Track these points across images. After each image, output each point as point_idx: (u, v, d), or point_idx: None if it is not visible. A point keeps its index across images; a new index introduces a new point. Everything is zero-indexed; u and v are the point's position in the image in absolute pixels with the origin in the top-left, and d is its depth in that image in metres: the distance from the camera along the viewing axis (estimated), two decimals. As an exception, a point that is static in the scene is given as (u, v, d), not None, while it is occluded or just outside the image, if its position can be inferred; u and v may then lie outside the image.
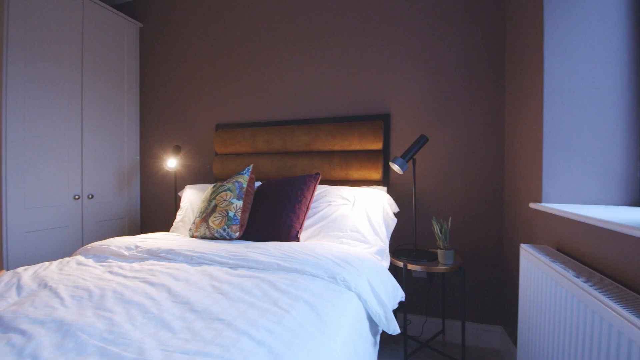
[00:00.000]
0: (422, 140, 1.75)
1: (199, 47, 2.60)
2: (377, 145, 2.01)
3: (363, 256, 1.43)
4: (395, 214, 1.88)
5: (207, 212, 1.77)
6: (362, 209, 1.75)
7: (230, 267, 1.32)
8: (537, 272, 1.22)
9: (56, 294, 1.08)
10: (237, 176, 1.86)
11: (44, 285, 1.17)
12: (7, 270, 1.92)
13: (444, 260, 1.64)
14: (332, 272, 1.20)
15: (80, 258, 1.49)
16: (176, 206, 2.51)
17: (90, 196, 2.34)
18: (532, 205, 1.44)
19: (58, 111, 2.14)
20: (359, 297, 1.15)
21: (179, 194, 2.38)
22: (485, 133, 1.94)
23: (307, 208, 1.72)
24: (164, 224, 2.66)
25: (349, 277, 1.18)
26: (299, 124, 2.26)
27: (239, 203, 1.74)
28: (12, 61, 1.90)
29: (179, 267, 1.32)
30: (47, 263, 1.43)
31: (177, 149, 2.47)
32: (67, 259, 1.50)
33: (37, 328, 0.85)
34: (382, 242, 1.70)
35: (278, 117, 2.37)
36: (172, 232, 2.13)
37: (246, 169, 1.88)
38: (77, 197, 2.25)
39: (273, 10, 2.39)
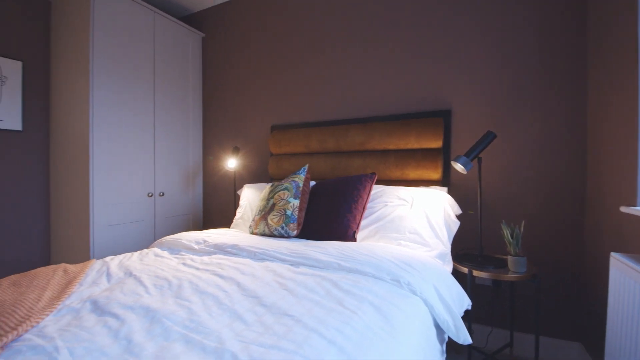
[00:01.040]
0: (489, 137, 1.63)
1: (255, 52, 2.70)
2: (437, 144, 1.92)
3: (426, 260, 1.37)
4: (457, 216, 1.77)
5: (266, 210, 1.83)
6: (421, 210, 1.68)
7: (292, 265, 1.35)
8: (633, 285, 1.07)
9: (140, 282, 1.19)
10: (293, 176, 1.90)
11: (129, 274, 1.30)
12: (95, 259, 2.18)
13: (515, 268, 1.51)
14: (395, 275, 1.17)
15: (156, 250, 1.64)
16: (235, 204, 2.64)
17: (161, 194, 2.56)
18: (623, 209, 1.26)
19: (135, 117, 2.38)
20: (425, 302, 1.10)
21: (238, 192, 2.50)
22: (563, 127, 1.75)
23: (364, 208, 1.70)
24: (224, 220, 2.81)
25: (413, 280, 1.14)
26: (352, 123, 2.25)
27: (296, 202, 1.77)
28: (97, 74, 2.14)
29: (244, 262, 1.38)
30: (129, 254, 1.59)
31: (236, 150, 2.60)
32: (145, 250, 1.65)
33: (128, 313, 0.95)
34: (444, 245, 1.62)
35: (331, 117, 2.37)
36: (233, 228, 2.24)
37: (302, 169, 1.92)
38: (150, 194, 2.48)
39: (325, 10, 2.40)
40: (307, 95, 2.48)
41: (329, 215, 1.70)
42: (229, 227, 2.71)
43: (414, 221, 1.66)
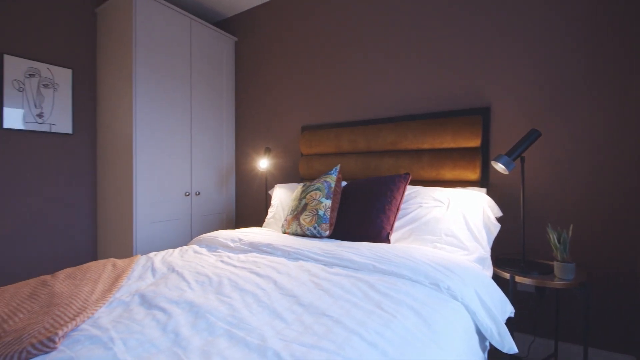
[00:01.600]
0: (533, 136, 1.54)
1: (285, 54, 2.74)
2: (474, 143, 1.84)
3: (465, 264, 1.32)
4: (498, 219, 1.69)
5: (298, 210, 1.85)
6: (458, 211, 1.62)
7: (325, 265, 1.35)
8: None
9: (183, 278, 1.24)
10: (325, 176, 1.90)
11: (172, 269, 1.36)
12: (138, 254, 2.30)
13: (562, 275, 1.42)
14: (433, 279, 1.14)
15: (195, 247, 1.70)
16: (267, 203, 2.69)
17: (197, 193, 2.67)
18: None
19: (173, 120, 2.49)
20: (467, 308, 1.06)
21: (269, 192, 2.54)
22: (615, 123, 1.62)
23: (398, 209, 1.66)
24: (255, 219, 2.87)
25: (453, 285, 1.10)
26: (384, 122, 2.22)
27: (328, 202, 1.77)
28: (140, 79, 2.27)
29: (278, 261, 1.40)
30: (170, 250, 1.66)
31: (268, 151, 2.65)
32: (185, 247, 1.72)
33: (174, 307, 0.99)
34: (483, 249, 1.55)
35: (362, 117, 2.35)
36: (265, 227, 2.28)
37: (334, 169, 1.91)
38: (187, 194, 2.59)
39: (355, 10, 2.38)
40: (338, 96, 2.47)
41: (361, 215, 1.68)
42: (260, 226, 2.77)
43: (451, 223, 1.60)
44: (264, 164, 2.59)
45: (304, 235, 1.80)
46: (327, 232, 1.71)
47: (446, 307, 1.00)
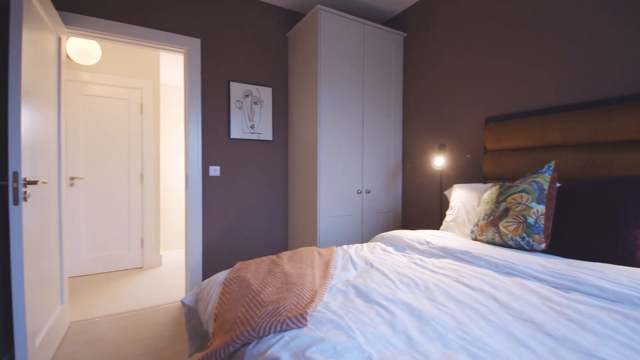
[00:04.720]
0: None
1: (461, 42, 2.46)
2: None
3: None
4: None
5: (496, 215, 1.60)
6: None
7: (556, 287, 1.09)
8: None
9: (385, 275, 1.25)
10: (533, 175, 1.58)
11: (369, 265, 1.41)
12: (321, 244, 2.58)
13: None
14: None
15: (381, 245, 1.73)
16: (441, 204, 2.51)
17: (367, 191, 2.77)
18: None
19: (347, 124, 2.66)
20: None
21: (445, 192, 2.36)
22: None
23: (665, 223, 1.19)
24: (426, 220, 2.74)
25: None
26: (622, 102, 1.65)
27: (541, 208, 1.45)
28: (323, 92, 2.51)
29: (486, 273, 1.23)
30: (359, 245, 1.75)
31: (442, 147, 2.46)
32: (372, 244, 1.78)
33: (391, 305, 0.99)
34: None
35: (581, 98, 1.83)
36: (443, 230, 2.12)
37: (546, 167, 1.56)
38: (359, 192, 2.72)
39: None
40: (538, 74, 2.02)
41: (597, 228, 1.29)
42: (432, 228, 2.62)
43: None
44: (439, 162, 2.42)
45: (505, 245, 1.55)
46: (543, 245, 1.41)
47: None
